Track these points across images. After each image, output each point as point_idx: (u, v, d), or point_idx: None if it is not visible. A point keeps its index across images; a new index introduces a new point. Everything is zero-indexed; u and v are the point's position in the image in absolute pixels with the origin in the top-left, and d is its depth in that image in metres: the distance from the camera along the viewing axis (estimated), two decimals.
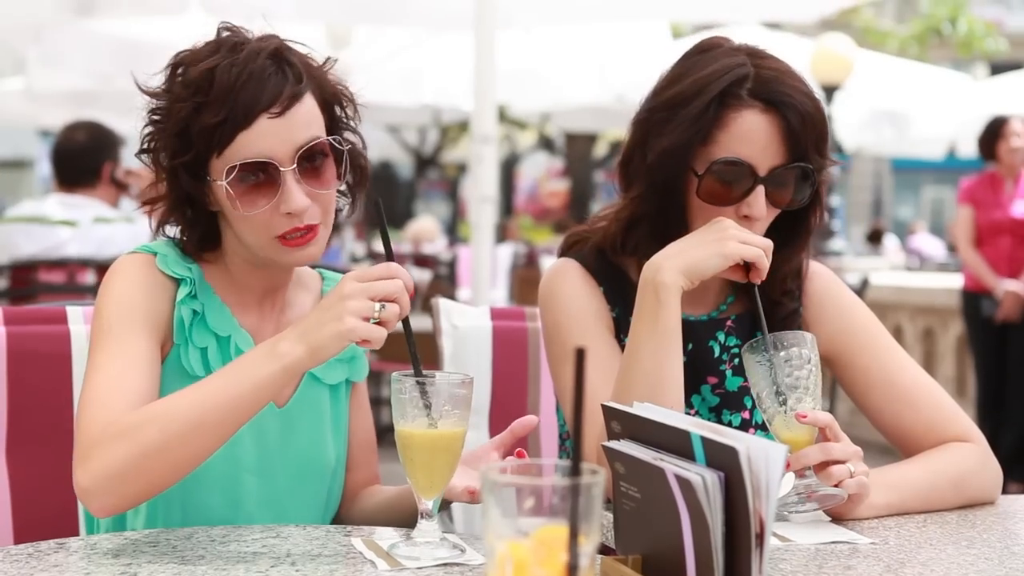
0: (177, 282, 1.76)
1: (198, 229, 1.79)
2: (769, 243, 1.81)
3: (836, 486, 1.70)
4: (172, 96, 1.72)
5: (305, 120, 1.71)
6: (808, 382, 1.73)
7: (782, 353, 1.74)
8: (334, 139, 1.75)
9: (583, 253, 2.02)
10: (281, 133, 1.69)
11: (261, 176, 1.69)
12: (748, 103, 1.84)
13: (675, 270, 1.79)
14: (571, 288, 1.98)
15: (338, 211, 1.83)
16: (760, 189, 1.85)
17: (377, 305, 1.57)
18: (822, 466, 1.71)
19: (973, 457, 1.91)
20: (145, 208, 1.82)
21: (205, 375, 1.74)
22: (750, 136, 1.84)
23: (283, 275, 1.84)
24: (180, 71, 1.73)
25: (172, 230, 1.84)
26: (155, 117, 1.74)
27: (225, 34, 1.75)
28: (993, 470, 1.92)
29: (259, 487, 1.79)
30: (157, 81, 1.76)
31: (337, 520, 1.92)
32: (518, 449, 1.71)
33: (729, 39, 1.94)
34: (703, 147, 1.85)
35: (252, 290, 1.83)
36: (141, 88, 1.76)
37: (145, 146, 1.77)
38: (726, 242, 1.78)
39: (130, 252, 1.78)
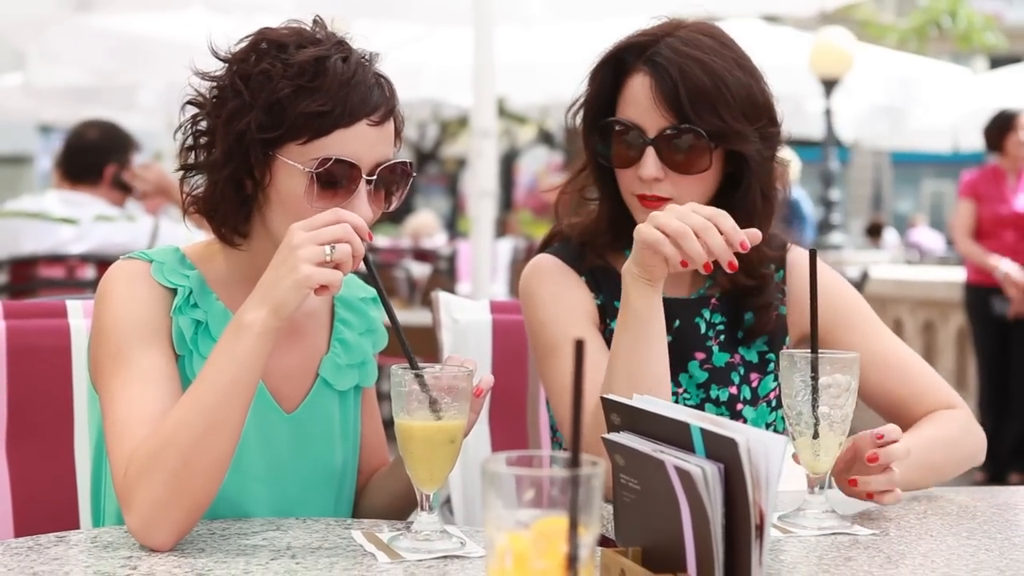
0: (172, 292, 1.74)
1: (247, 209, 1.75)
2: None
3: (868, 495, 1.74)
4: (266, 70, 1.69)
5: (388, 138, 1.75)
6: (843, 412, 1.68)
7: (824, 379, 1.68)
8: (410, 164, 1.78)
9: (560, 246, 2.03)
10: (372, 142, 1.71)
11: (341, 176, 1.69)
12: (637, 67, 1.91)
13: (631, 259, 1.77)
14: (550, 285, 1.99)
15: None
16: (649, 151, 1.89)
17: (327, 248, 1.57)
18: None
19: (960, 421, 1.98)
20: (183, 176, 1.78)
21: None
22: (635, 99, 1.91)
23: None
24: (270, 48, 1.71)
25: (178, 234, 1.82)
26: (239, 85, 1.70)
27: (319, 30, 1.75)
28: (977, 434, 2.00)
29: (268, 495, 1.78)
30: (229, 46, 1.74)
31: None
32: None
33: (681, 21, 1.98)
34: (611, 116, 1.93)
35: None
36: (216, 54, 1.74)
37: (215, 109, 1.72)
38: None
39: (125, 258, 1.76)
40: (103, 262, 4.40)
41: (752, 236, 1.71)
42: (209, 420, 1.56)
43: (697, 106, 1.86)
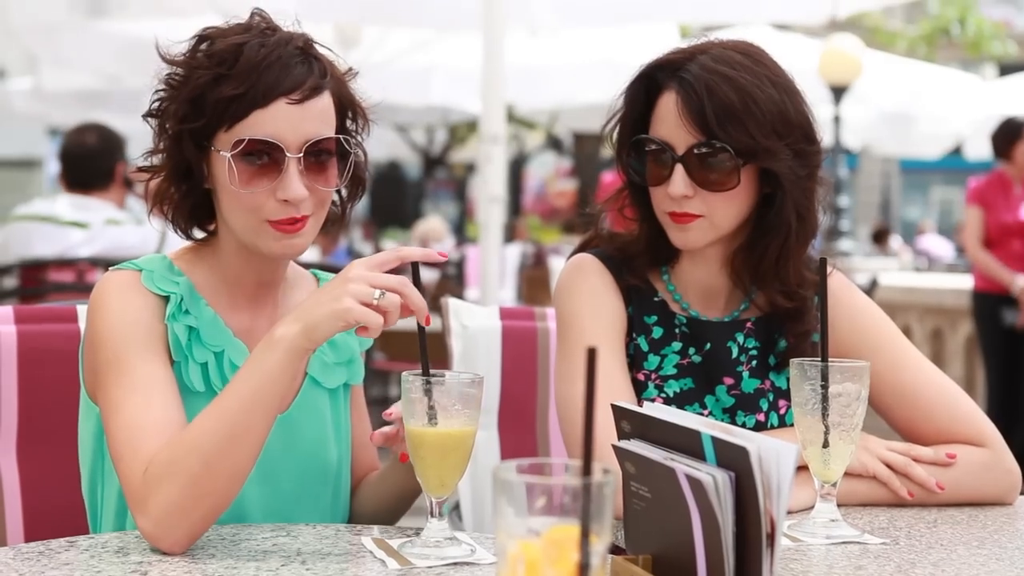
0: (164, 299, 1.75)
1: (190, 202, 1.78)
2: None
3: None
4: (193, 64, 1.72)
5: (320, 115, 1.73)
6: (853, 420, 1.67)
7: (834, 387, 1.67)
8: (345, 139, 1.76)
9: (600, 252, 2.02)
10: (295, 120, 1.70)
11: (266, 158, 1.70)
12: (667, 85, 1.89)
13: None
14: (591, 284, 1.97)
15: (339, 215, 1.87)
16: (678, 168, 1.87)
17: (376, 292, 1.57)
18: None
19: (976, 460, 1.90)
20: (142, 176, 1.82)
21: (206, 390, 1.75)
22: (665, 117, 1.89)
23: (274, 269, 1.84)
24: (205, 44, 1.74)
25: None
26: (172, 82, 1.74)
27: (256, 19, 1.76)
28: (1005, 473, 1.91)
29: (262, 496, 1.79)
30: (178, 49, 1.77)
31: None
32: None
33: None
34: (644, 134, 1.93)
35: (243, 286, 1.82)
36: (162, 55, 1.76)
37: (154, 109, 1.77)
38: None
39: (114, 269, 1.77)
40: (113, 265, 4.40)
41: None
42: (232, 429, 1.57)
43: (724, 122, 1.84)
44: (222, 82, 1.69)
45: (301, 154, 1.71)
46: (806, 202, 1.92)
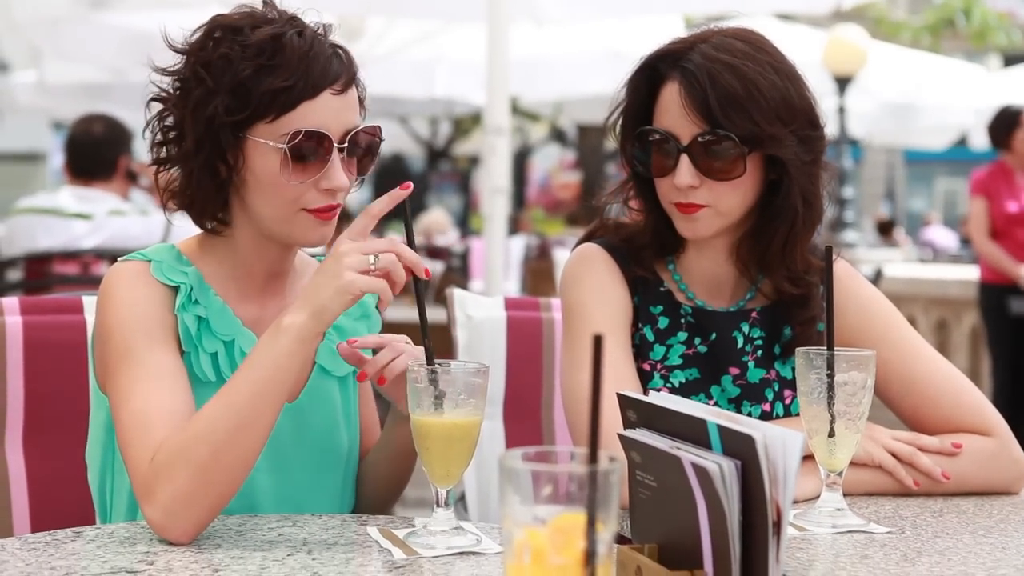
0: (174, 290, 1.75)
1: (209, 192, 1.76)
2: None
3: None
4: (225, 54, 1.70)
5: (354, 106, 1.76)
6: (859, 409, 1.67)
7: (840, 376, 1.67)
8: (379, 129, 1.79)
9: (606, 241, 2.02)
10: (339, 111, 1.73)
11: (313, 148, 1.71)
12: (669, 75, 1.89)
13: None
14: (596, 274, 1.97)
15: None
16: (683, 158, 1.87)
17: (371, 257, 1.58)
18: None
19: (982, 450, 1.90)
20: (157, 171, 1.80)
21: (216, 379, 1.75)
22: (668, 107, 1.89)
23: (286, 259, 1.84)
24: (231, 33, 1.72)
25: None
26: (201, 74, 1.72)
27: (272, 12, 1.76)
28: (1011, 462, 1.91)
29: (274, 484, 1.79)
30: (191, 37, 1.75)
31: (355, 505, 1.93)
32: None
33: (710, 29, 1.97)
34: (648, 125, 1.92)
35: (254, 276, 1.82)
36: (173, 47, 1.75)
37: (178, 101, 1.74)
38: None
39: (124, 260, 1.78)
40: (118, 257, 4.41)
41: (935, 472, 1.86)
42: (240, 417, 1.57)
43: (728, 110, 1.84)
44: (266, 73, 1.69)
45: (345, 144, 1.73)
46: (812, 187, 1.92)
